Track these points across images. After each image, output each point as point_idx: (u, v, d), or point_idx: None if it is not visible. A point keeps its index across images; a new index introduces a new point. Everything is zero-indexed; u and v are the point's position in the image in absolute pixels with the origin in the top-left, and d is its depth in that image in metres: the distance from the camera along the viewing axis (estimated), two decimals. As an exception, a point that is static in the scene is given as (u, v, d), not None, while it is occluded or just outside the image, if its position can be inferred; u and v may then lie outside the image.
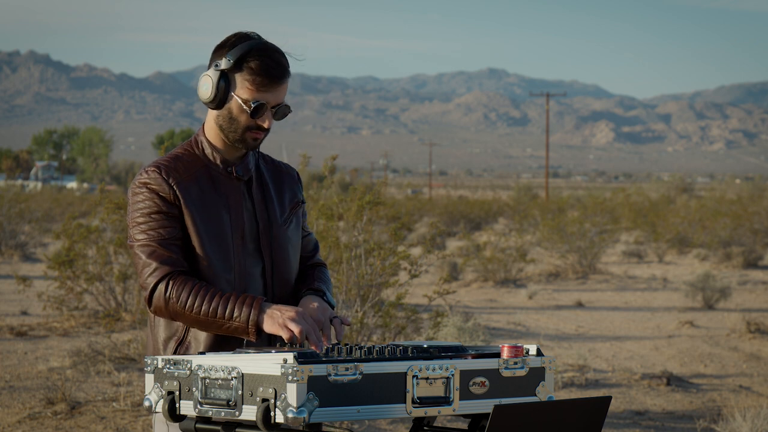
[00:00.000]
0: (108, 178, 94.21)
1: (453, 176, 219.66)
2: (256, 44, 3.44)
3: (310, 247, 3.71)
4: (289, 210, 3.61)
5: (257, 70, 3.40)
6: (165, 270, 3.36)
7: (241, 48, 3.41)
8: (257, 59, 3.40)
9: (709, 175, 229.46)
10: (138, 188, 3.43)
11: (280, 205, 3.58)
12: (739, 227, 28.10)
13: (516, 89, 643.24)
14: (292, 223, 3.60)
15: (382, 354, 3.15)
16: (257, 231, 3.52)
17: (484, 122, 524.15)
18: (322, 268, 3.69)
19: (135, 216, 3.41)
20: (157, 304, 3.37)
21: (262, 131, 3.47)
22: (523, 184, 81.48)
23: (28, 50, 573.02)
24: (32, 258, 24.83)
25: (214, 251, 3.43)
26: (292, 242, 3.59)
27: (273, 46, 3.47)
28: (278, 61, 3.43)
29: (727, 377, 11.03)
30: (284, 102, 3.48)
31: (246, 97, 3.42)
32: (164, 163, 3.46)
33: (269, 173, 3.63)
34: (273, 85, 3.42)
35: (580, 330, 14.70)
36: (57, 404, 8.31)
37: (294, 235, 3.60)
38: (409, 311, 9.47)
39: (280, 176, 3.64)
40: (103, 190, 13.08)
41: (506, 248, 22.62)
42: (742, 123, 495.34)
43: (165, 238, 3.39)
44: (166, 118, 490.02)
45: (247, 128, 3.45)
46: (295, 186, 3.66)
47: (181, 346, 3.44)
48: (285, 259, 3.55)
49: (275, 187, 3.61)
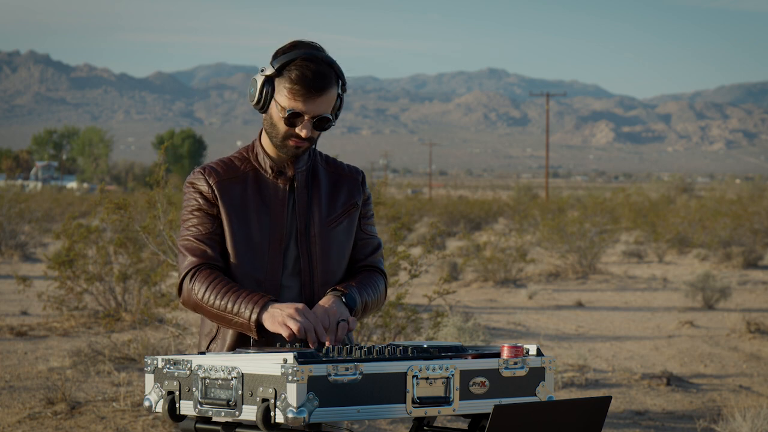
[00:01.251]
0: (108, 178, 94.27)
1: (453, 176, 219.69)
2: (304, 53, 3.46)
3: (368, 250, 3.68)
4: (341, 211, 3.61)
5: (295, 79, 3.43)
6: (194, 262, 3.49)
7: (288, 55, 3.45)
8: (298, 69, 3.43)
9: (709, 175, 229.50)
10: (186, 187, 3.58)
11: (330, 206, 3.59)
12: (739, 227, 28.10)
13: (516, 89, 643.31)
14: (342, 224, 3.60)
15: (382, 354, 3.15)
16: (297, 231, 3.54)
17: (484, 122, 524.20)
18: (371, 271, 3.66)
19: (183, 214, 3.58)
20: (183, 295, 3.52)
21: (302, 140, 3.49)
22: (523, 184, 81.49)
23: (28, 50, 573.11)
24: (32, 258, 24.83)
25: (245, 252, 3.50)
26: (337, 243, 3.58)
27: (320, 56, 3.47)
28: (320, 71, 3.44)
29: (727, 377, 11.03)
30: (326, 113, 3.47)
31: (283, 104, 3.46)
32: (211, 165, 3.59)
33: (327, 174, 3.64)
34: (310, 95, 3.44)
35: (580, 330, 14.70)
36: (57, 404, 8.31)
37: (342, 236, 3.60)
38: (409, 311, 9.47)
39: (340, 178, 3.65)
40: (103, 190, 13.05)
41: (506, 248, 22.61)
42: (742, 123, 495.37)
43: (202, 233, 3.51)
44: (166, 118, 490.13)
45: (286, 135, 3.49)
46: (354, 188, 3.65)
47: (213, 343, 3.56)
48: (325, 260, 3.56)
49: (329, 187, 3.62)
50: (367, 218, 3.69)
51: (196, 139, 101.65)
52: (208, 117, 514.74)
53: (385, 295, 3.69)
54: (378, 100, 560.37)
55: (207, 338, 3.58)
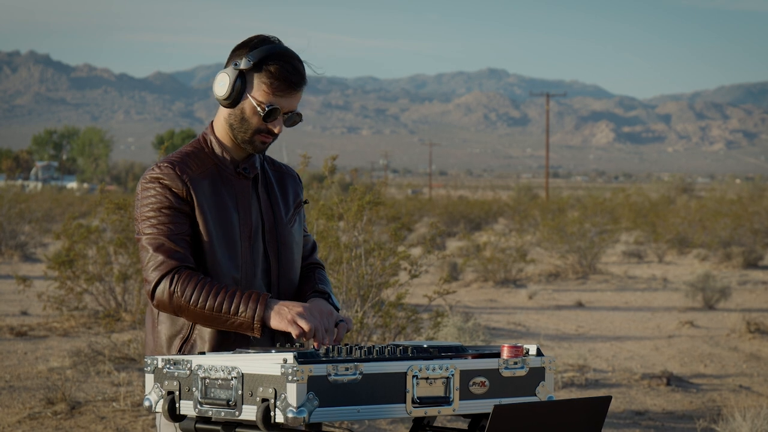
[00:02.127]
0: (108, 178, 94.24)
1: (453, 176, 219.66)
2: (278, 48, 3.46)
3: (309, 247, 3.74)
4: (293, 209, 3.63)
5: (276, 74, 3.43)
6: (171, 264, 3.37)
7: (262, 50, 3.44)
8: (277, 63, 3.43)
9: (709, 176, 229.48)
10: (149, 183, 3.43)
11: (285, 204, 3.62)
12: (739, 227, 28.09)
13: (516, 89, 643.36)
14: (296, 222, 3.63)
15: (382, 354, 3.15)
16: (263, 230, 3.54)
17: (484, 122, 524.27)
18: (321, 270, 3.71)
19: (144, 210, 3.41)
20: (160, 298, 3.36)
21: (271, 135, 3.50)
22: (523, 184, 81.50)
23: (28, 50, 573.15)
24: (32, 258, 24.83)
25: (222, 250, 3.45)
26: (296, 241, 3.62)
27: (294, 53, 3.50)
28: (297, 68, 3.47)
29: (727, 377, 11.03)
30: (296, 110, 3.51)
31: (261, 99, 3.45)
32: (177, 160, 3.47)
33: (273, 173, 3.66)
34: (289, 91, 3.46)
35: (580, 330, 14.70)
36: (57, 404, 8.31)
37: (297, 234, 3.63)
38: (409, 311, 9.47)
39: (282, 176, 3.67)
40: (103, 190, 13.08)
41: (506, 248, 22.61)
42: (742, 123, 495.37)
43: (174, 233, 3.39)
44: (166, 118, 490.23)
45: (257, 131, 3.48)
46: (297, 186, 3.69)
47: (186, 344, 3.44)
48: (290, 258, 3.58)
49: (279, 186, 3.64)
50: (303, 216, 3.73)
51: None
52: (208, 117, 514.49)
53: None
54: (378, 100, 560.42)
55: (177, 340, 3.44)
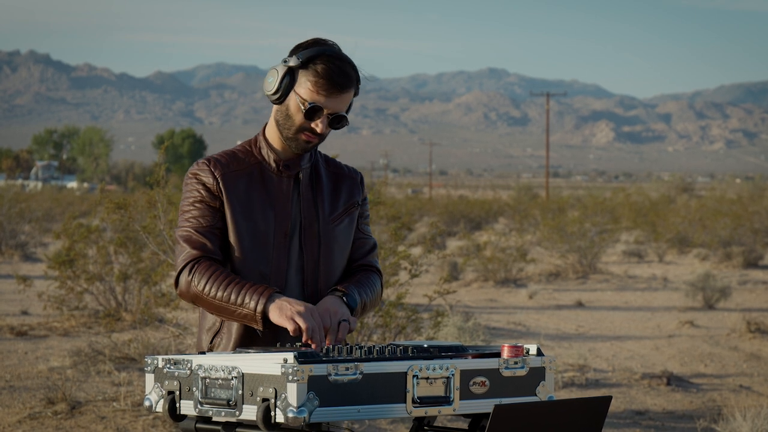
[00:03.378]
0: (108, 178, 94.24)
1: (453, 176, 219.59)
2: (329, 50, 3.48)
3: (364, 249, 3.70)
4: (343, 209, 3.62)
5: (321, 72, 3.44)
6: (194, 255, 3.46)
7: (313, 50, 3.47)
8: (324, 63, 3.45)
9: (709, 175, 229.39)
10: (188, 178, 3.54)
11: (332, 204, 3.60)
12: (739, 227, 28.09)
13: (516, 89, 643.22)
14: (343, 222, 3.61)
15: (383, 354, 3.15)
16: (301, 227, 3.55)
17: (484, 122, 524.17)
18: (368, 271, 3.67)
19: (183, 204, 3.54)
20: (181, 287, 3.48)
21: (315, 135, 3.50)
22: (523, 183, 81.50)
23: (28, 50, 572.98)
24: (32, 258, 24.83)
25: (251, 246, 3.49)
26: (339, 241, 3.60)
27: (345, 56, 3.51)
28: (344, 70, 3.47)
29: (727, 377, 11.03)
30: (343, 112, 3.51)
31: (305, 97, 3.46)
32: (216, 157, 3.57)
33: (328, 173, 3.66)
34: (333, 91, 3.46)
35: (580, 330, 14.70)
36: (57, 404, 8.30)
37: (343, 234, 3.61)
38: (409, 311, 9.47)
39: (340, 177, 3.67)
40: (104, 189, 13.05)
41: (506, 248, 22.61)
42: (742, 123, 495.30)
43: (203, 226, 3.49)
44: (166, 117, 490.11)
45: (300, 128, 3.49)
46: (354, 188, 3.67)
47: (216, 337, 3.53)
48: (328, 257, 3.57)
49: (331, 186, 3.63)
50: (363, 218, 3.71)
51: (196, 139, 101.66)
52: (208, 117, 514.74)
53: (381, 294, 3.70)
54: (378, 100, 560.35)
55: (209, 333, 3.55)
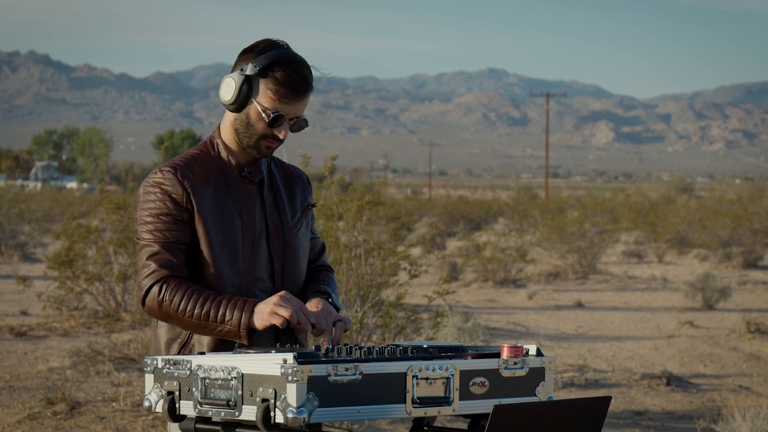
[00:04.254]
0: (108, 178, 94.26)
1: (453, 176, 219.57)
2: (285, 54, 3.45)
3: (317, 249, 3.73)
4: (300, 213, 3.62)
5: (282, 81, 3.41)
6: (162, 273, 3.37)
7: (269, 56, 3.42)
8: (284, 70, 3.42)
9: (709, 175, 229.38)
10: (151, 187, 3.42)
11: (291, 208, 3.60)
12: (739, 227, 28.10)
13: (516, 89, 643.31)
14: (302, 225, 3.62)
15: (382, 354, 3.15)
16: (268, 233, 3.53)
17: (484, 122, 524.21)
18: (327, 272, 3.71)
19: (143, 214, 3.42)
20: (150, 305, 3.39)
21: (277, 141, 3.49)
22: (523, 184, 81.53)
23: (28, 50, 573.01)
24: (32, 258, 24.83)
25: (223, 256, 3.44)
26: (302, 245, 3.60)
27: (300, 58, 3.48)
28: (303, 74, 3.45)
29: (727, 377, 11.03)
30: (303, 115, 3.50)
31: (266, 105, 3.44)
32: (180, 164, 3.46)
33: (281, 176, 3.64)
34: (295, 97, 3.44)
35: (580, 330, 14.70)
36: (57, 404, 8.31)
37: (304, 237, 3.62)
38: (409, 311, 9.47)
39: (291, 179, 3.66)
40: (103, 190, 13.09)
41: (506, 248, 22.61)
42: (742, 123, 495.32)
43: (169, 241, 3.39)
44: (166, 118, 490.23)
45: (262, 136, 3.47)
46: (305, 189, 3.68)
47: (184, 348, 3.46)
48: (295, 262, 3.57)
49: (286, 189, 3.63)
50: (313, 219, 3.73)
51: (196, 139, 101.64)
52: (208, 117, 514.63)
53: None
54: (378, 100, 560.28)
55: (176, 344, 3.46)
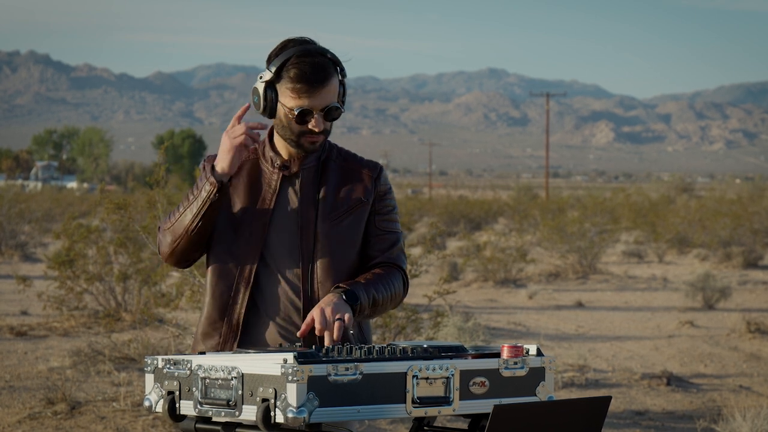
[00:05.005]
0: (108, 178, 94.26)
1: (453, 176, 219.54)
2: (294, 51, 3.47)
3: (383, 245, 3.62)
4: (347, 207, 3.58)
5: (295, 77, 3.44)
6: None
7: (280, 58, 3.47)
8: (294, 67, 3.45)
9: (709, 175, 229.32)
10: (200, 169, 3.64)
11: (335, 202, 3.57)
12: (739, 227, 28.09)
13: (516, 89, 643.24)
14: (346, 220, 3.57)
15: (382, 354, 3.15)
16: (299, 226, 3.54)
17: (484, 122, 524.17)
18: (386, 267, 3.61)
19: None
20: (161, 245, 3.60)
21: (317, 134, 3.50)
22: (523, 184, 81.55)
23: (28, 50, 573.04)
24: (32, 258, 24.83)
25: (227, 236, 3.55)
26: (340, 240, 3.55)
27: (313, 49, 3.48)
28: (316, 64, 3.46)
29: (727, 377, 11.03)
30: (333, 103, 3.49)
31: (290, 105, 3.46)
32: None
33: (338, 169, 3.62)
34: (314, 90, 3.45)
35: (580, 330, 14.70)
36: (57, 404, 8.31)
37: (345, 232, 3.56)
38: (409, 311, 9.47)
39: (351, 173, 3.62)
40: (103, 190, 13.05)
41: (506, 248, 22.61)
42: (742, 123, 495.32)
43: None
44: (166, 118, 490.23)
45: (300, 133, 3.50)
46: (366, 184, 3.62)
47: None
48: (326, 257, 3.53)
49: (338, 183, 3.60)
50: (382, 214, 3.63)
51: (196, 139, 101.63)
52: (208, 117, 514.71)
53: (404, 290, 3.61)
54: (378, 100, 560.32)
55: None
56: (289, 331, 3.52)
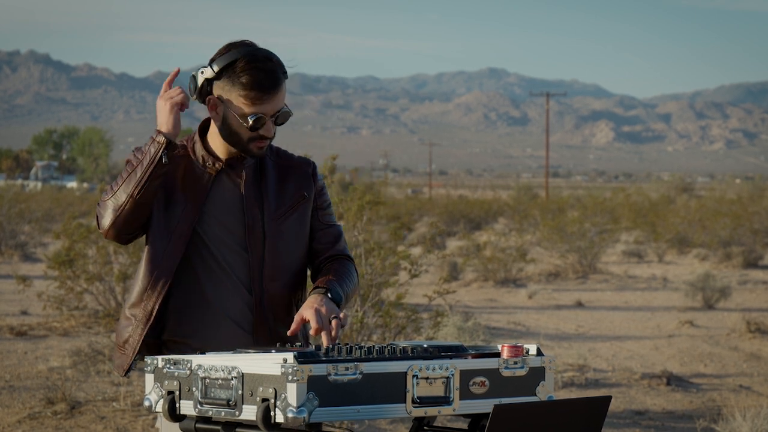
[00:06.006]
0: (108, 178, 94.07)
1: (453, 176, 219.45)
2: (242, 53, 3.43)
3: (329, 239, 3.66)
4: (290, 204, 3.59)
5: (249, 84, 3.40)
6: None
7: (225, 58, 3.43)
8: (247, 73, 3.40)
9: (709, 175, 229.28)
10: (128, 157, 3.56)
11: (278, 199, 3.57)
12: (739, 227, 28.09)
13: (516, 89, 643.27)
14: (292, 217, 3.59)
15: (382, 354, 3.15)
16: (245, 226, 3.53)
17: (484, 122, 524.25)
18: (341, 261, 3.65)
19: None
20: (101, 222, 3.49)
21: (266, 139, 3.49)
22: (523, 183, 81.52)
23: (28, 50, 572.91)
24: (32, 258, 24.83)
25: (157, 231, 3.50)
26: (287, 237, 3.57)
27: (262, 54, 3.44)
28: (269, 70, 3.42)
29: (727, 377, 11.03)
30: (283, 107, 3.48)
31: (242, 112, 3.43)
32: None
33: (275, 167, 3.62)
34: (267, 96, 3.42)
35: (580, 330, 14.70)
36: (57, 404, 8.31)
37: (292, 229, 3.58)
38: (409, 311, 9.47)
39: (287, 170, 3.63)
40: (103, 189, 13.07)
41: (506, 248, 22.61)
42: (742, 123, 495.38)
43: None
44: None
45: (249, 139, 3.48)
46: (304, 180, 3.64)
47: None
48: (275, 254, 3.54)
49: (277, 180, 3.60)
50: (323, 209, 3.68)
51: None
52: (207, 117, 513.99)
53: (358, 280, 3.67)
54: (378, 100, 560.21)
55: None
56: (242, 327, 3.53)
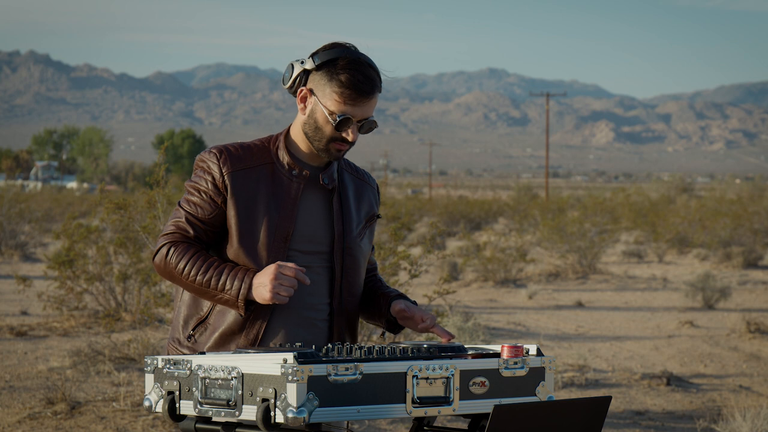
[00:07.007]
0: (108, 178, 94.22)
1: (453, 176, 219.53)
2: (346, 53, 3.43)
3: (373, 257, 3.79)
4: (365, 222, 3.61)
5: (346, 83, 3.40)
6: (176, 237, 3.45)
7: (328, 53, 3.42)
8: (347, 72, 3.40)
9: (709, 175, 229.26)
10: (199, 162, 3.50)
11: (357, 216, 3.59)
12: (739, 227, 28.08)
13: (516, 89, 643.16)
14: (365, 235, 3.61)
15: (382, 354, 3.15)
16: (332, 240, 3.52)
17: (484, 122, 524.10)
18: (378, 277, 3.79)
19: (189, 185, 3.50)
20: (158, 263, 3.45)
21: (346, 143, 3.47)
22: (523, 184, 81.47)
23: (28, 50, 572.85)
24: (32, 258, 24.82)
25: (247, 245, 3.44)
26: (363, 254, 3.60)
27: (365, 59, 3.45)
28: (369, 75, 3.43)
29: (727, 377, 11.03)
30: (371, 117, 3.48)
31: (332, 109, 3.42)
32: (229, 149, 3.50)
33: (352, 183, 3.63)
34: (361, 99, 3.42)
35: (580, 330, 14.69)
36: (57, 404, 8.30)
37: (366, 247, 3.61)
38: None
39: (362, 187, 3.65)
40: (103, 190, 13.05)
41: (506, 248, 22.59)
42: (742, 123, 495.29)
43: (195, 216, 3.45)
44: (166, 118, 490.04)
45: (331, 139, 3.46)
46: (373, 198, 3.67)
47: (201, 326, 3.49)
48: (355, 270, 3.56)
49: (356, 197, 3.61)
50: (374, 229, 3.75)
51: (196, 139, 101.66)
52: (208, 117, 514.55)
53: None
54: (378, 100, 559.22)
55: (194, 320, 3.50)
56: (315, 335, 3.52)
